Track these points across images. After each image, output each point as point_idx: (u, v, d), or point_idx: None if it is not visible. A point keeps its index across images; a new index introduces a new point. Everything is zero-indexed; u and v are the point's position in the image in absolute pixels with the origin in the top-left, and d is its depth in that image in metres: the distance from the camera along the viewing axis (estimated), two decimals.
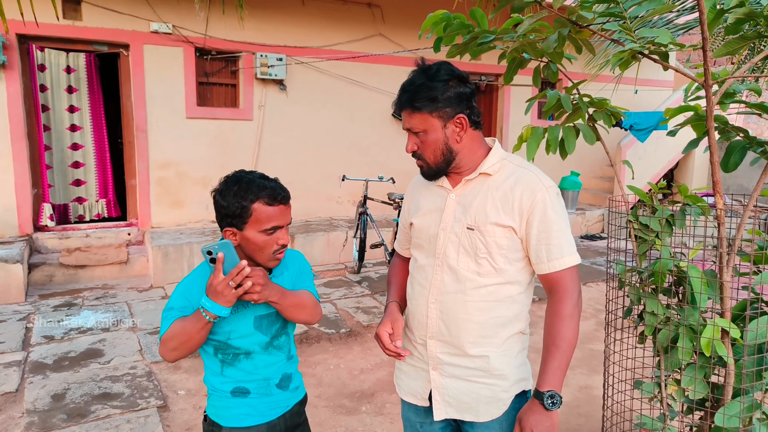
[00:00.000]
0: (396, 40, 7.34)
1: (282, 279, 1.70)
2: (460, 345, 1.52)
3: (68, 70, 5.86)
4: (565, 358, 1.43)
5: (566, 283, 1.46)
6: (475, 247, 1.49)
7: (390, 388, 3.52)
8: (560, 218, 1.47)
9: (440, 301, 1.54)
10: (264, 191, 1.51)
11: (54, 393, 3.27)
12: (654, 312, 1.80)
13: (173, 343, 1.52)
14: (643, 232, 1.98)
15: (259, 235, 1.52)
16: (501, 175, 1.51)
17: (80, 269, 5.57)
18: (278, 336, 1.69)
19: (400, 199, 5.33)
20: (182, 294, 1.61)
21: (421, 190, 1.67)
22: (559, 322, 1.44)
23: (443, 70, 1.47)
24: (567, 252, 1.46)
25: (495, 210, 1.47)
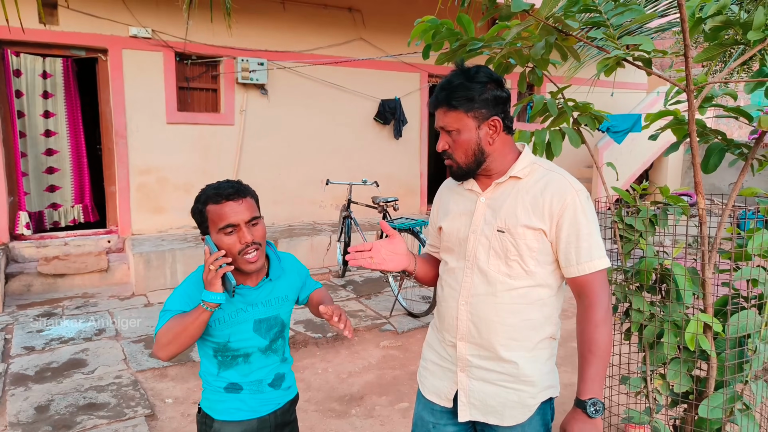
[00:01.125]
0: (377, 45, 7.38)
1: (281, 282, 1.72)
2: (491, 347, 1.52)
3: (44, 76, 5.76)
4: (602, 365, 1.43)
5: (596, 288, 1.46)
6: (505, 249, 1.49)
7: (379, 390, 3.54)
8: (590, 222, 1.47)
9: (470, 303, 1.54)
10: (212, 191, 1.55)
11: (38, 405, 3.21)
12: (640, 309, 1.86)
13: (168, 337, 1.52)
14: (628, 231, 2.05)
15: (220, 237, 1.54)
16: (531, 179, 1.52)
17: (59, 278, 5.46)
18: (276, 339, 1.72)
19: (384, 203, 5.37)
20: (179, 296, 1.62)
21: (450, 194, 1.67)
22: (593, 329, 1.43)
23: (482, 72, 1.49)
24: (597, 255, 1.46)
25: (525, 213, 1.48)
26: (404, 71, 7.62)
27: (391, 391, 3.54)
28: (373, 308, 5.04)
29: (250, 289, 1.65)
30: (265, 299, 1.67)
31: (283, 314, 1.72)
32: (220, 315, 1.61)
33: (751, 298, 1.89)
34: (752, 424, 1.85)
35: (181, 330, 1.51)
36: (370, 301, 5.24)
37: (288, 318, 1.75)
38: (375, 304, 5.16)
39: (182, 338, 1.52)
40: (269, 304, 1.67)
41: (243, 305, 1.64)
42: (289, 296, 1.74)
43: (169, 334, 1.53)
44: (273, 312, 1.68)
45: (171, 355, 1.54)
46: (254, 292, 1.65)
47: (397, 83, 7.58)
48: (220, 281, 1.48)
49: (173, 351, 1.54)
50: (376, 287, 5.67)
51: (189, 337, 1.52)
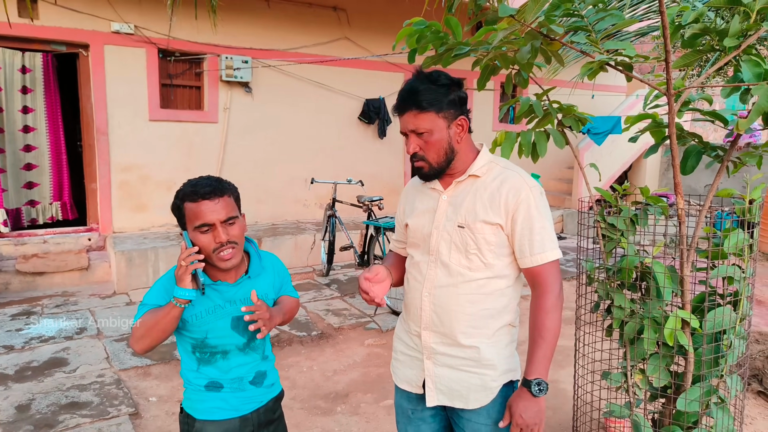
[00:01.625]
0: (361, 44, 7.40)
1: (260, 280, 1.73)
2: (453, 335, 1.61)
3: (23, 70, 5.65)
4: (549, 348, 1.54)
5: (548, 277, 1.56)
6: (465, 243, 1.58)
7: (364, 388, 3.57)
8: (543, 216, 1.57)
9: (433, 294, 1.63)
10: (189, 188, 1.54)
11: (18, 404, 3.17)
12: (621, 306, 1.92)
13: (141, 331, 1.54)
14: (610, 231, 2.11)
15: (195, 235, 1.54)
16: (489, 177, 1.61)
17: (38, 276, 5.38)
18: (254, 338, 1.71)
19: (369, 202, 5.39)
20: (156, 290, 1.64)
21: (415, 193, 1.76)
22: (543, 315, 1.54)
23: (443, 75, 1.56)
24: (549, 247, 1.56)
25: (483, 209, 1.57)
26: (389, 71, 7.65)
27: (376, 388, 3.57)
28: (358, 307, 5.06)
29: (228, 285, 1.65)
30: (243, 297, 1.66)
31: None
32: (197, 310, 1.62)
33: (726, 296, 1.96)
34: (727, 416, 1.92)
35: (154, 324, 1.53)
36: (354, 300, 5.26)
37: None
38: (359, 302, 5.18)
39: (155, 332, 1.53)
40: (248, 302, 1.65)
41: (221, 302, 1.64)
42: (268, 295, 1.74)
43: (142, 328, 1.54)
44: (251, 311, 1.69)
45: (146, 348, 1.56)
46: (232, 289, 1.65)
47: (382, 83, 7.61)
48: (190, 277, 1.49)
49: (147, 344, 1.55)
50: None
51: (161, 331, 1.53)
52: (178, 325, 1.63)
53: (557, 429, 3.06)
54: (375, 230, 5.12)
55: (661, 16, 1.47)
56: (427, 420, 1.74)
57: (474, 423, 1.63)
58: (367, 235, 5.33)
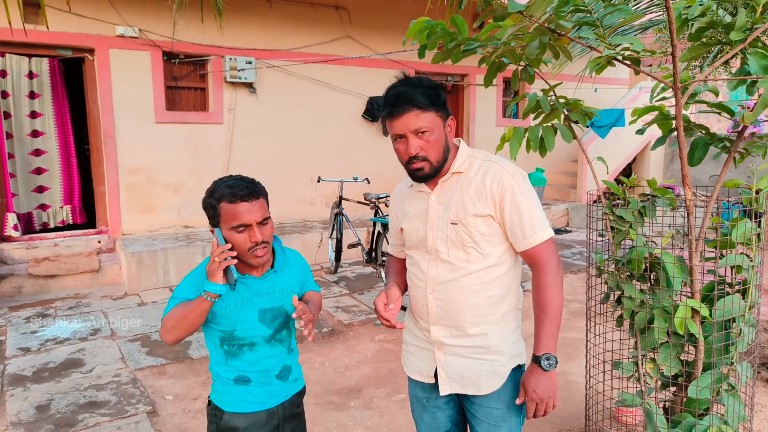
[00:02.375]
0: (364, 42, 7.43)
1: (285, 274, 1.79)
2: (460, 326, 1.67)
3: (30, 76, 5.71)
4: (555, 323, 1.59)
5: (544, 256, 1.61)
6: (461, 239, 1.64)
7: (376, 383, 3.61)
8: (528, 199, 1.61)
9: (437, 290, 1.69)
10: (227, 190, 1.60)
11: (38, 404, 3.22)
12: (631, 296, 1.96)
13: (171, 322, 1.60)
14: (618, 222, 2.14)
15: (231, 233, 1.60)
16: (471, 171, 1.66)
17: (50, 279, 5.44)
18: (280, 330, 1.78)
19: (376, 199, 5.43)
20: (187, 284, 1.70)
21: (405, 197, 1.83)
22: (544, 291, 1.59)
23: (427, 80, 1.63)
24: (539, 228, 1.61)
25: (472, 203, 1.62)
26: (391, 68, 7.67)
27: (387, 383, 3.61)
28: (366, 303, 5.11)
29: (255, 279, 1.72)
30: (270, 290, 1.73)
31: (287, 306, 1.77)
32: (226, 303, 1.68)
33: (735, 284, 1.99)
34: (738, 403, 1.96)
35: (183, 317, 1.59)
36: (363, 296, 5.31)
37: (291, 309, 1.81)
38: (368, 299, 5.23)
39: (184, 324, 1.59)
40: (273, 295, 1.74)
41: (248, 295, 1.71)
42: (293, 288, 1.80)
43: (172, 320, 1.61)
44: (277, 302, 1.75)
45: (175, 340, 1.62)
46: (259, 282, 1.72)
47: (385, 80, 7.54)
48: (222, 273, 1.54)
49: (176, 336, 1.61)
50: (368, 283, 5.74)
51: (190, 324, 1.59)
52: (208, 318, 1.70)
53: (568, 419, 3.10)
54: (382, 227, 5.16)
55: (667, 11, 1.50)
56: (442, 407, 1.81)
57: (486, 408, 1.69)
58: (374, 232, 5.37)
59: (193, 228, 6.53)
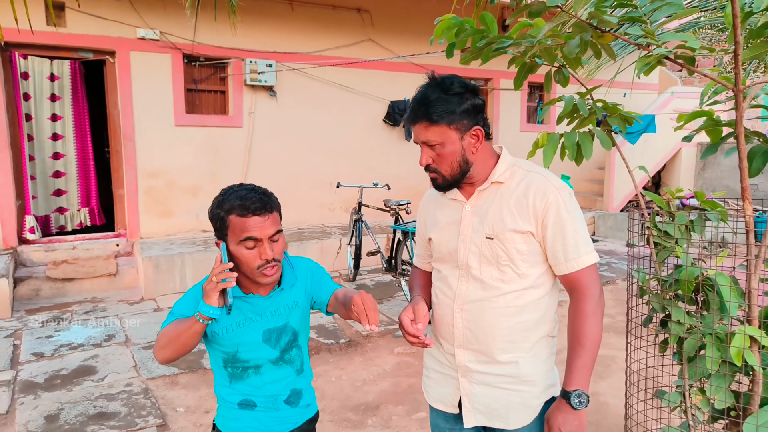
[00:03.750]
0: (386, 46, 7.30)
1: (293, 291, 1.65)
2: (489, 352, 1.52)
3: (52, 78, 5.71)
4: (590, 357, 1.44)
5: (586, 282, 1.47)
6: (496, 255, 1.49)
7: (395, 399, 3.45)
8: (574, 218, 1.47)
9: (466, 309, 1.54)
10: (238, 202, 1.46)
11: (47, 414, 3.14)
12: (680, 321, 1.77)
13: (163, 341, 1.48)
14: (663, 238, 1.95)
15: (239, 248, 1.47)
16: (513, 182, 1.52)
17: (68, 282, 5.41)
18: (288, 349, 1.64)
19: (397, 206, 5.28)
20: (186, 299, 1.57)
21: (435, 205, 1.68)
22: (582, 321, 1.45)
23: (456, 83, 1.47)
24: (584, 251, 1.46)
25: (511, 217, 1.48)
26: (413, 72, 7.52)
27: (407, 399, 3.45)
28: (386, 313, 4.95)
29: (260, 298, 1.59)
30: (275, 308, 1.60)
31: (293, 322, 1.63)
32: (227, 323, 1.55)
33: None
34: None
35: (175, 336, 1.45)
36: (382, 306, 5.15)
37: (300, 325, 1.66)
38: (387, 309, 5.08)
39: (176, 345, 1.46)
40: (278, 313, 1.60)
41: (252, 314, 1.58)
42: (299, 302, 1.65)
43: (165, 338, 1.48)
44: (282, 321, 1.61)
45: (167, 359, 1.49)
46: (264, 302, 1.59)
47: (407, 84, 7.49)
48: (218, 294, 1.40)
49: (168, 355, 1.48)
50: (387, 291, 5.59)
51: (182, 345, 1.45)
52: (209, 338, 1.58)
53: None
54: (402, 235, 5.01)
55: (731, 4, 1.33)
56: None
57: None
58: (394, 240, 5.21)
59: (211, 233, 6.45)
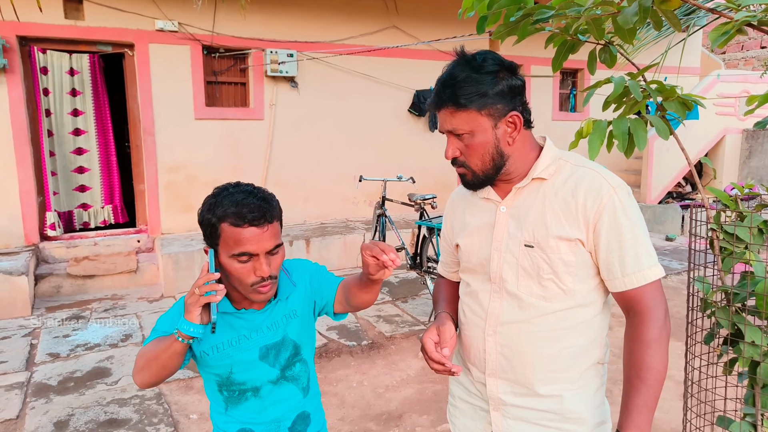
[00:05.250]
0: (411, 32, 7.01)
1: (291, 301, 1.42)
2: (528, 383, 1.29)
3: (71, 72, 5.63)
4: (652, 394, 1.18)
5: (648, 302, 1.21)
6: (537, 267, 1.25)
7: (419, 408, 3.23)
8: (634, 223, 1.21)
9: (500, 332, 1.30)
10: (233, 209, 1.24)
11: (57, 420, 3.03)
12: (754, 342, 1.49)
13: (141, 362, 1.28)
14: (730, 242, 1.67)
15: (231, 262, 1.26)
16: (558, 179, 1.27)
17: (88, 279, 5.35)
18: (290, 365, 1.42)
19: (422, 200, 5.03)
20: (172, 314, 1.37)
21: (465, 204, 1.43)
22: (643, 349, 1.19)
23: (490, 59, 1.22)
24: (646, 264, 1.21)
25: (556, 221, 1.23)
26: (439, 60, 7.22)
27: (432, 408, 3.22)
28: (411, 312, 4.73)
29: (254, 313, 1.38)
30: (271, 321, 1.40)
31: (291, 333, 1.42)
32: (217, 342, 1.35)
33: None
34: None
35: (153, 357, 1.25)
36: (406, 305, 4.94)
37: (302, 336, 1.45)
38: (412, 308, 4.85)
39: (154, 367, 1.26)
40: (275, 326, 1.40)
41: (246, 331, 1.37)
42: (297, 311, 1.43)
43: (142, 359, 1.28)
44: (279, 334, 1.40)
45: (147, 384, 1.29)
46: (260, 317, 1.38)
47: (432, 73, 7.16)
48: (200, 310, 1.20)
49: (147, 379, 1.28)
50: (413, 289, 5.36)
51: (161, 367, 1.25)
52: (197, 359, 1.37)
53: None
54: (428, 231, 4.77)
55: None
56: None
57: None
58: (419, 236, 4.97)
59: None
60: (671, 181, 8.42)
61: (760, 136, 8.67)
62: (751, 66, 10.34)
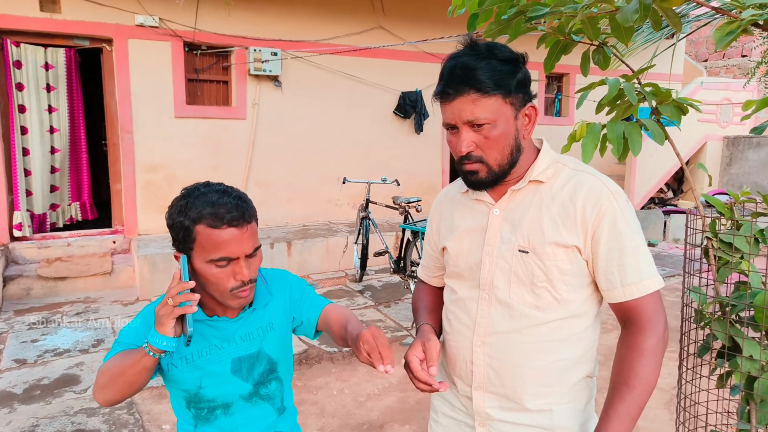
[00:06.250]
0: (397, 33, 6.94)
1: (267, 311, 1.33)
2: (517, 397, 1.22)
3: (46, 67, 5.44)
4: (636, 403, 1.11)
5: (648, 313, 1.15)
6: (531, 274, 1.18)
7: (401, 417, 3.14)
8: (634, 231, 1.16)
9: (488, 343, 1.22)
10: (209, 209, 1.14)
11: (20, 431, 2.87)
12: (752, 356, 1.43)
13: (103, 379, 1.16)
14: (726, 251, 1.61)
15: (208, 267, 1.16)
16: (557, 182, 1.21)
17: (60, 281, 5.16)
18: (265, 382, 1.33)
19: (406, 203, 4.95)
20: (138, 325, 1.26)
21: (453, 206, 1.34)
22: (636, 357, 1.13)
23: (503, 48, 1.14)
24: (646, 274, 1.15)
25: (553, 226, 1.17)
26: (425, 61, 7.17)
27: (414, 418, 3.14)
28: (393, 317, 4.64)
29: (227, 321, 1.28)
30: (245, 332, 1.30)
31: (267, 348, 1.33)
32: (185, 353, 1.25)
33: None
34: None
35: (118, 373, 1.14)
36: (389, 309, 4.85)
37: (278, 353, 1.35)
38: (395, 312, 4.76)
39: (119, 384, 1.14)
40: (249, 338, 1.30)
41: (218, 341, 1.27)
42: (274, 324, 1.34)
43: (105, 376, 1.16)
44: (254, 347, 1.31)
45: (110, 402, 1.17)
46: (233, 326, 1.29)
47: (418, 74, 7.14)
48: (174, 322, 1.09)
49: (111, 397, 1.16)
50: (395, 294, 5.27)
51: (127, 384, 1.14)
52: (164, 372, 1.26)
53: None
54: (412, 234, 4.68)
55: None
56: None
57: None
58: (403, 240, 4.89)
59: None
60: (654, 187, 8.47)
61: (740, 143, 8.77)
62: (732, 74, 10.48)
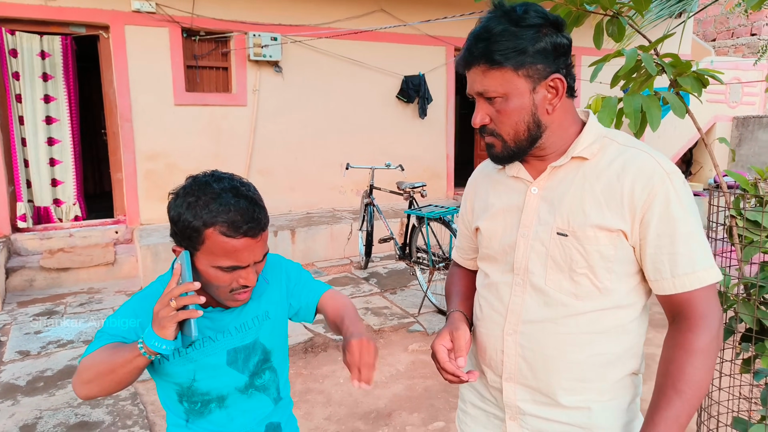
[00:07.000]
0: (399, 16, 6.80)
1: (263, 300, 1.27)
2: (550, 392, 1.12)
3: (42, 55, 5.35)
4: (686, 410, 1.00)
5: (701, 309, 1.03)
6: (570, 259, 1.08)
7: (409, 405, 3.09)
8: (689, 216, 1.04)
9: (521, 332, 1.14)
10: (224, 215, 1.06)
11: (23, 423, 2.84)
12: None
13: (88, 374, 1.08)
14: (752, 230, 1.53)
15: (213, 270, 1.10)
16: (602, 159, 1.09)
17: (63, 272, 5.12)
18: (260, 372, 1.27)
19: (411, 189, 4.86)
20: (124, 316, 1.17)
21: (489, 183, 1.25)
22: (687, 358, 1.01)
23: (533, 11, 1.03)
24: (702, 264, 1.03)
25: (597, 207, 1.06)
26: (428, 45, 7.03)
27: (423, 406, 3.08)
28: (399, 304, 4.58)
29: (222, 312, 1.22)
30: (240, 322, 1.24)
31: (263, 337, 1.27)
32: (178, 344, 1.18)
33: None
34: None
35: (107, 370, 1.07)
36: (395, 296, 4.78)
37: (274, 342, 1.30)
38: (401, 299, 4.70)
39: (107, 382, 1.08)
40: (245, 328, 1.24)
41: (212, 332, 1.21)
42: (269, 312, 1.28)
43: (91, 371, 1.09)
44: (250, 337, 1.25)
45: (89, 397, 1.11)
46: (227, 317, 1.22)
47: (421, 58, 7.01)
48: (176, 326, 1.02)
49: (95, 393, 1.10)
50: (401, 280, 5.21)
51: (115, 383, 1.08)
52: (154, 366, 1.19)
53: None
54: (417, 220, 4.60)
55: None
56: None
57: None
58: (408, 225, 4.81)
59: None
60: None
61: (750, 123, 8.61)
62: (741, 53, 10.27)
